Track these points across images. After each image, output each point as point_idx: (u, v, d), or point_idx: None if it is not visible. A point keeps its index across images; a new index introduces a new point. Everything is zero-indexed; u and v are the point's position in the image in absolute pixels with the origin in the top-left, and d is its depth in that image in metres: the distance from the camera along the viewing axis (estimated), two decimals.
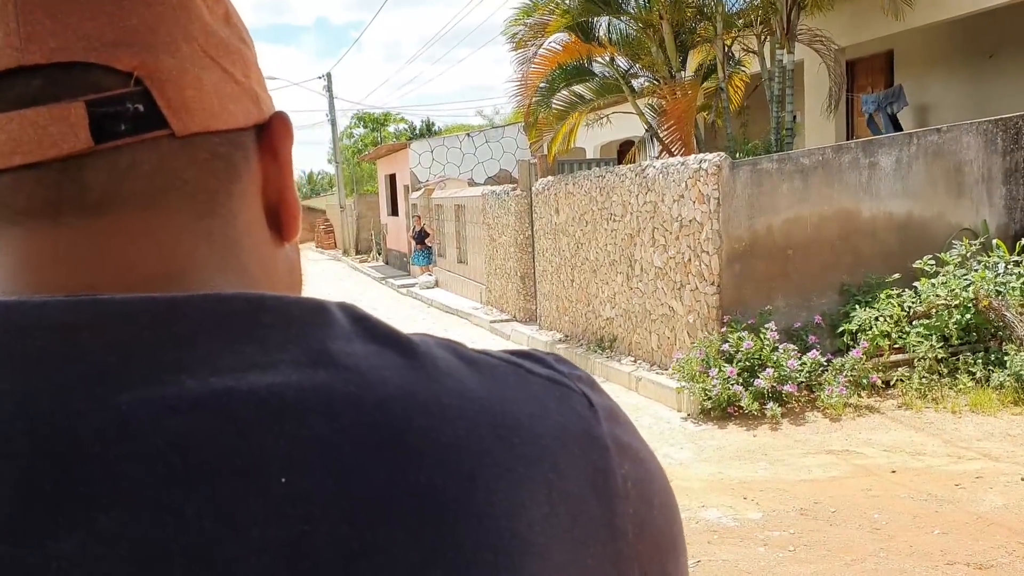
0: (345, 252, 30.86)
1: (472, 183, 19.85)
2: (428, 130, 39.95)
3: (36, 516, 0.35)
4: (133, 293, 0.40)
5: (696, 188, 7.40)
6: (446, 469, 0.39)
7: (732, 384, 6.60)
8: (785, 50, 9.79)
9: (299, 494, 0.36)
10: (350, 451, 0.38)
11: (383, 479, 0.38)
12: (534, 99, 11.26)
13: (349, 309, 0.44)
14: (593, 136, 16.53)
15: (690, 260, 7.60)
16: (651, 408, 7.48)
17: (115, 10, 0.42)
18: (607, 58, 11.28)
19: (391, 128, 42.47)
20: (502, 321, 12.50)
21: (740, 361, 6.74)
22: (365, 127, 42.26)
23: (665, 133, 10.47)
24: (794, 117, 10.24)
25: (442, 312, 14.89)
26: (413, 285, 18.29)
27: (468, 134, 21.48)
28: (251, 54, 0.49)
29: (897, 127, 11.78)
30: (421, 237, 17.85)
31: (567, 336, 10.54)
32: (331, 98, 33.02)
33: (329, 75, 33.22)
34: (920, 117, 11.62)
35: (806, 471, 5.49)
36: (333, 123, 33.50)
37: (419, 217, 17.85)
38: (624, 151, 15.92)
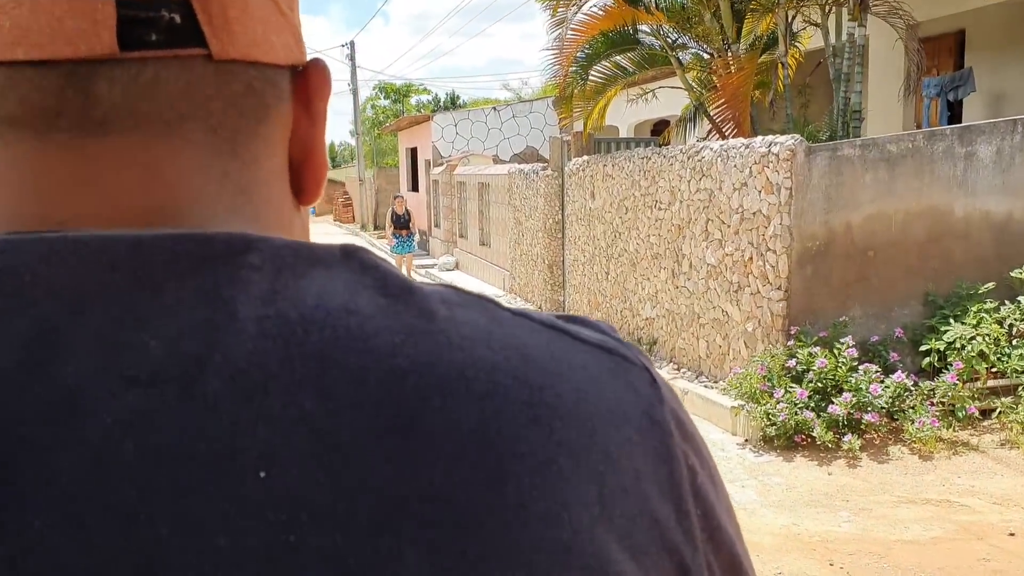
0: (363, 227, 29.91)
1: (497, 160, 18.91)
2: (452, 103, 38.84)
3: None
4: (110, 227, 0.34)
5: (763, 175, 6.37)
6: (468, 463, 0.31)
7: (801, 409, 5.60)
8: (857, 23, 8.69)
9: (282, 493, 0.29)
10: (347, 439, 0.30)
11: (389, 477, 0.30)
12: (571, 69, 10.21)
13: (356, 255, 0.36)
14: (627, 114, 15.49)
15: (751, 259, 6.57)
16: (701, 428, 6.41)
17: None
18: (653, 27, 10.18)
19: (413, 100, 41.40)
20: None
21: (811, 381, 5.73)
22: (387, 98, 41.16)
23: (716, 111, 9.41)
24: (860, 99, 9.14)
25: None
26: (432, 266, 17.38)
27: (495, 108, 20.41)
28: None
29: (955, 117, 10.63)
30: (403, 222, 14.64)
31: None
32: (353, 67, 31.86)
33: (352, 43, 32.09)
34: (994, 106, 10.48)
35: (901, 527, 4.51)
36: (355, 93, 32.37)
37: (401, 198, 15.17)
38: (659, 131, 14.79)
